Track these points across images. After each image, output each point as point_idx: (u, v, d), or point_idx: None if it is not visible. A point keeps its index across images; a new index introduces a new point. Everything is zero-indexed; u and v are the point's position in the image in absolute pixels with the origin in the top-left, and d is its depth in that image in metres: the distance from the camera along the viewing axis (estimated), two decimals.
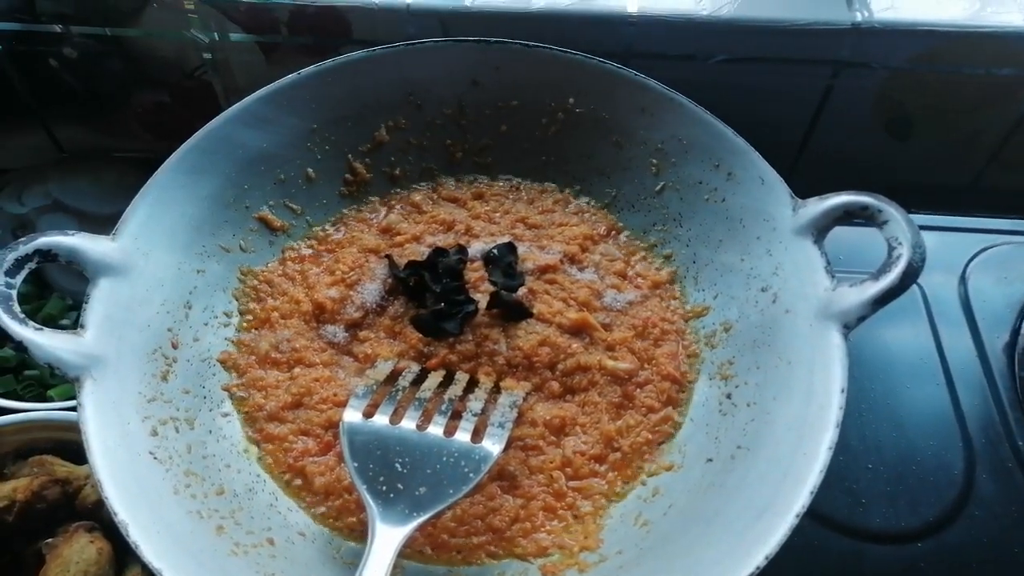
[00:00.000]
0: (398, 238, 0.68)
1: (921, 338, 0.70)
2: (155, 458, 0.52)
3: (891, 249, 0.54)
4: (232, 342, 0.62)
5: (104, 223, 0.58)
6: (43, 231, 0.54)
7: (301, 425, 0.57)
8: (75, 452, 0.60)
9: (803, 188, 0.61)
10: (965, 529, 0.60)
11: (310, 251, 0.67)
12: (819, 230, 0.58)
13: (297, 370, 0.60)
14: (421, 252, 0.65)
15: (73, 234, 0.55)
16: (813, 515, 0.60)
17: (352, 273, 0.65)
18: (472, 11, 0.75)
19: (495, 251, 0.65)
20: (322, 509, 0.55)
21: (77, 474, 0.61)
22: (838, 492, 0.62)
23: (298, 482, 0.56)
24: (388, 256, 0.65)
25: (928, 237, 0.76)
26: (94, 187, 0.86)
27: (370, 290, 0.64)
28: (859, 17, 0.77)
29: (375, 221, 0.70)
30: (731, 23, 0.78)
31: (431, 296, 0.61)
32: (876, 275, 0.54)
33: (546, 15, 0.77)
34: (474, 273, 0.64)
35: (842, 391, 0.51)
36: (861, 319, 0.54)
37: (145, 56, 0.82)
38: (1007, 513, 0.60)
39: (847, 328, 0.54)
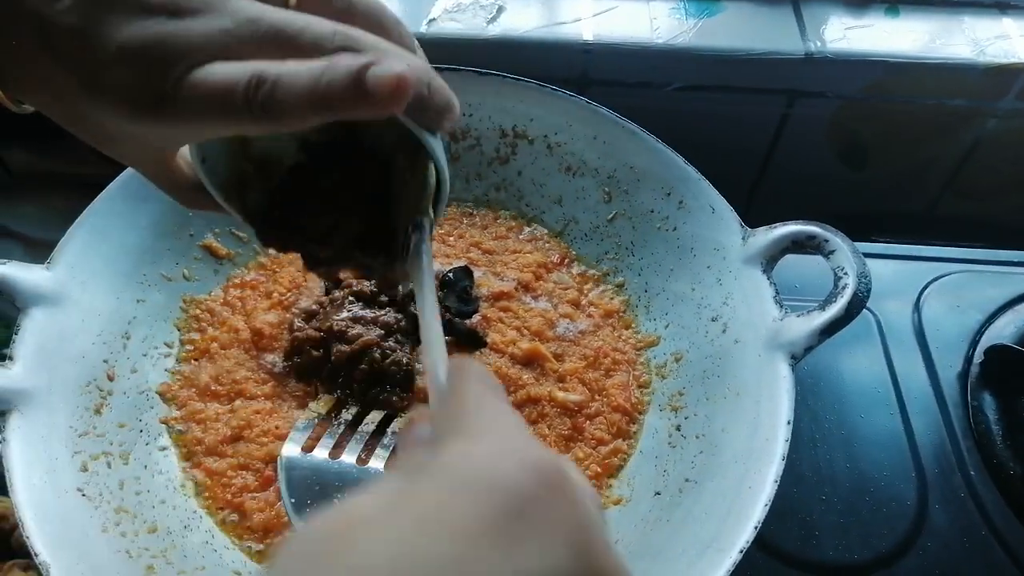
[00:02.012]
0: None
1: (875, 367, 0.70)
2: (83, 495, 0.50)
3: (837, 279, 0.54)
4: (171, 373, 0.60)
5: (52, 249, 0.57)
6: None
7: (241, 459, 0.56)
8: None
9: (761, 216, 0.61)
10: (918, 560, 0.59)
11: (252, 276, 0.66)
12: (768, 259, 0.58)
13: (238, 402, 0.58)
14: None
15: (4, 263, 0.53)
16: (766, 548, 0.59)
17: (289, 294, 0.64)
18: (427, 38, 0.75)
19: (451, 274, 0.63)
20: (260, 547, 0.53)
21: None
22: (791, 524, 0.61)
23: (236, 518, 0.54)
24: None
25: (883, 265, 0.78)
26: (42, 212, 0.84)
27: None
28: (812, 47, 0.78)
29: None
30: (686, 52, 0.78)
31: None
32: (823, 305, 0.54)
33: (501, 42, 0.77)
34: None
35: (788, 423, 0.51)
36: (808, 349, 0.53)
37: None
38: (959, 543, 0.60)
39: (795, 359, 0.53)
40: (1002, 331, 0.72)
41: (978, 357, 0.70)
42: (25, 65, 0.32)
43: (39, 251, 0.75)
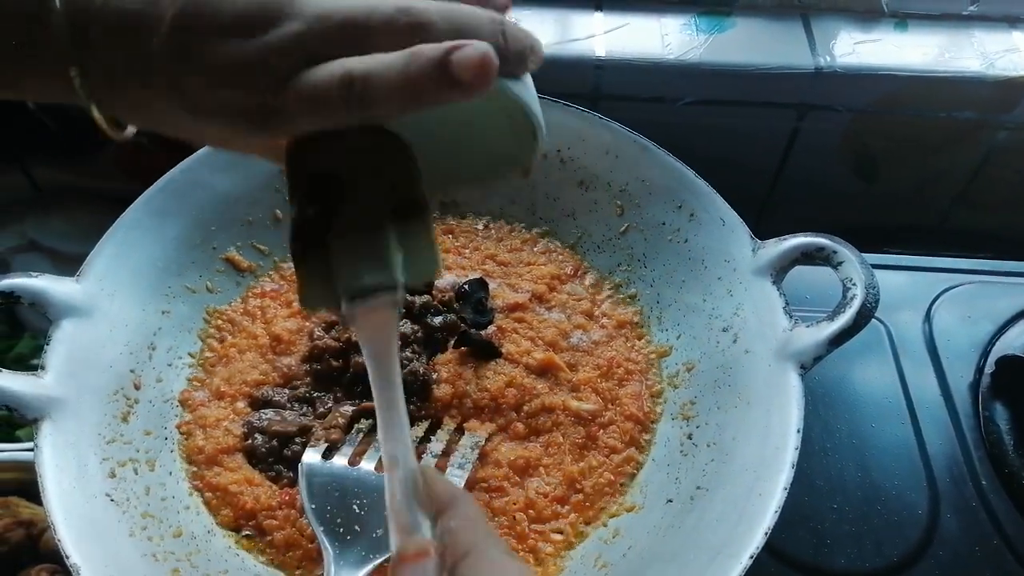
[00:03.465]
0: None
1: (886, 377, 0.70)
2: (112, 500, 0.52)
3: (846, 290, 0.55)
4: (189, 380, 0.61)
5: (79, 263, 0.59)
6: (16, 271, 0.55)
7: (246, 472, 0.57)
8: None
9: (773, 228, 0.62)
10: (929, 569, 0.60)
11: (273, 286, 0.68)
12: (778, 271, 0.59)
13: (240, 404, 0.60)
14: None
15: (37, 276, 0.55)
16: (778, 556, 0.60)
17: None
18: None
19: (466, 286, 0.65)
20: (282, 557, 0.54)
21: (42, 516, 0.60)
22: (803, 532, 0.61)
23: (254, 536, 0.55)
24: None
25: (894, 276, 0.78)
26: (69, 227, 0.87)
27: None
28: (822, 62, 0.79)
29: None
30: (698, 67, 0.79)
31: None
32: (831, 316, 0.54)
33: None
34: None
35: (798, 431, 0.51)
36: (817, 359, 0.54)
37: None
38: (971, 552, 0.60)
39: (804, 368, 0.54)
40: (1013, 342, 0.72)
41: (989, 368, 0.70)
42: (126, 97, 0.34)
43: (68, 264, 0.77)
